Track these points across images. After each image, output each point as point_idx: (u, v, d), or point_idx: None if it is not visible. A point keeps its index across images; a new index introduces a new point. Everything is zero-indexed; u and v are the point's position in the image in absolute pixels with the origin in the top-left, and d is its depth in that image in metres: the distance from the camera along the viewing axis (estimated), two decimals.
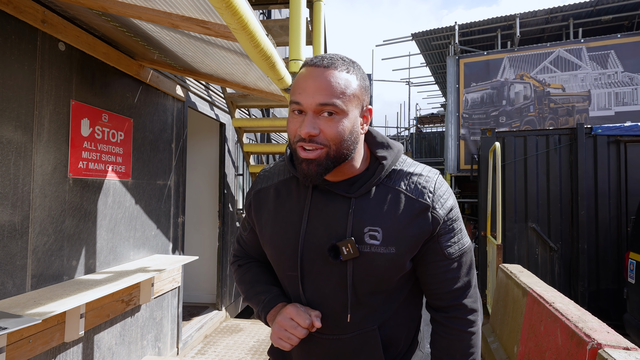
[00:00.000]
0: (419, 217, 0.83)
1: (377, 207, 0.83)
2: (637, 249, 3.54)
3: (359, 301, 0.85)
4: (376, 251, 0.82)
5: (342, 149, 0.79)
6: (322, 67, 0.78)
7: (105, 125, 2.47)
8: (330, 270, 0.84)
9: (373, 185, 0.85)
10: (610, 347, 1.85)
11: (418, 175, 0.87)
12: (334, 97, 0.76)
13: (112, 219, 2.55)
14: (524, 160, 5.27)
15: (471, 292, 0.90)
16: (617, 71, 7.40)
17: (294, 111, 0.80)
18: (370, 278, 0.83)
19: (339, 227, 0.83)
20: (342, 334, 0.87)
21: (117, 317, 2.58)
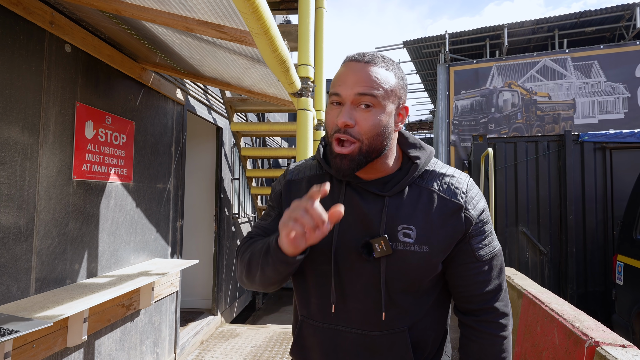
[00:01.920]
0: (452, 217, 0.83)
1: (410, 206, 0.84)
2: (624, 252, 3.67)
3: (391, 300, 0.85)
4: (410, 249, 0.82)
5: (375, 143, 0.80)
6: (362, 62, 0.80)
7: (108, 127, 2.46)
8: (363, 267, 0.84)
9: (406, 184, 0.85)
10: (607, 344, 1.92)
11: (450, 177, 0.87)
12: (372, 88, 0.78)
13: (113, 222, 2.53)
14: (514, 166, 5.40)
15: (502, 295, 0.89)
16: (600, 81, 7.67)
17: (332, 103, 0.82)
18: (403, 277, 0.83)
19: (372, 224, 0.84)
20: (372, 331, 0.86)
21: (118, 322, 2.55)
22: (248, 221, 5.73)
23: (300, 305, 0.96)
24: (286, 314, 5.51)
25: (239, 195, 5.17)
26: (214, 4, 1.42)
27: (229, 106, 3.91)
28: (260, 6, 1.15)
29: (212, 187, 4.56)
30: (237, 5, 1.13)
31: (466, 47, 9.14)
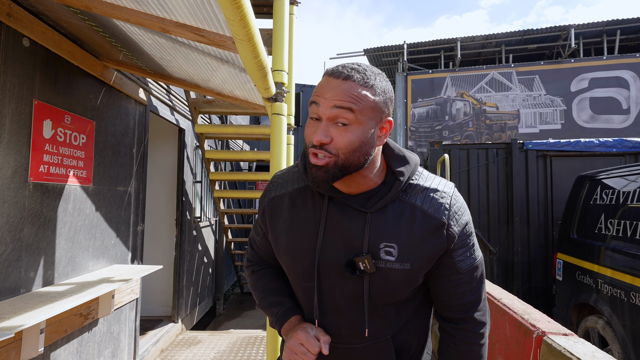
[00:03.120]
0: (434, 235, 0.83)
1: (393, 223, 0.84)
2: (563, 250, 4.04)
3: (374, 313, 0.86)
4: (391, 267, 0.82)
5: (352, 158, 0.78)
6: (340, 79, 0.77)
7: (67, 127, 2.33)
8: (346, 283, 0.85)
9: (389, 201, 0.85)
10: (553, 333, 2.13)
11: (434, 191, 0.86)
12: (348, 106, 0.75)
13: (72, 227, 2.39)
14: (467, 171, 5.75)
15: (481, 305, 0.92)
16: (540, 94, 8.38)
17: (311, 117, 0.81)
18: (385, 292, 0.84)
19: (355, 241, 0.84)
20: (357, 343, 0.87)
21: (75, 332, 2.41)
22: (210, 225, 5.61)
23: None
24: (249, 319, 5.45)
25: (201, 198, 5.05)
26: (195, 8, 1.42)
27: (193, 107, 3.83)
28: (248, 14, 1.18)
29: (173, 190, 4.43)
30: (226, 13, 1.15)
31: (423, 57, 9.59)
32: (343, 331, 0.87)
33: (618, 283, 3.00)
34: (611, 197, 3.44)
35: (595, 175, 3.78)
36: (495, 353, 2.75)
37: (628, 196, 3.20)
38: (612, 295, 3.06)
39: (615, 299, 3.01)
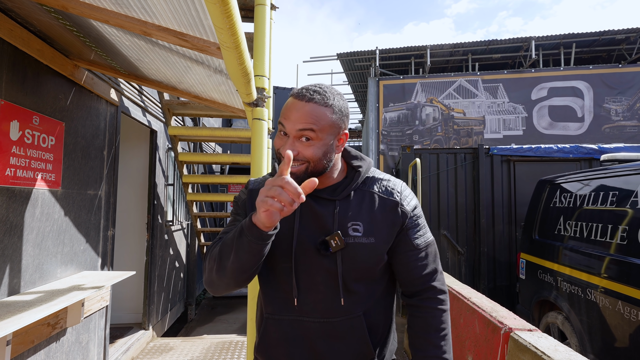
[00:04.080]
0: (391, 212, 1.00)
1: (357, 207, 1.00)
2: (526, 250, 4.28)
3: (347, 288, 0.97)
4: (359, 241, 0.96)
5: (318, 165, 0.94)
6: (303, 101, 0.91)
7: (35, 128, 2.23)
8: (321, 261, 0.96)
9: (352, 189, 1.01)
10: (519, 330, 2.26)
11: (387, 181, 1.05)
12: (310, 127, 0.90)
13: (39, 232, 2.29)
14: (437, 175, 5.96)
15: (438, 276, 1.06)
16: (504, 101, 8.80)
17: (280, 132, 0.94)
18: (356, 266, 0.97)
19: (326, 224, 0.97)
20: (332, 317, 0.97)
21: (42, 342, 2.30)
22: (182, 229, 5.49)
23: (265, 304, 1.03)
24: (222, 324, 5.37)
25: (173, 202, 4.94)
26: (180, 13, 1.42)
27: (167, 109, 3.75)
28: (237, 23, 1.20)
29: (144, 194, 4.30)
30: (215, 21, 1.16)
31: (394, 63, 9.84)
32: (319, 306, 0.97)
33: (575, 281, 3.22)
34: (569, 201, 3.68)
35: (555, 180, 4.04)
36: (465, 350, 2.87)
37: (583, 199, 3.44)
38: (570, 292, 3.28)
39: (573, 296, 3.23)
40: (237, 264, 0.87)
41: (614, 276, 2.81)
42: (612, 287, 2.79)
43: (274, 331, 1.00)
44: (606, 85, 8.34)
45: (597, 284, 2.94)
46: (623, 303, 2.65)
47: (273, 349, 1.01)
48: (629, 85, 8.22)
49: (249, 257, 0.86)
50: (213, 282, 0.94)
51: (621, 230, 2.86)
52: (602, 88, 8.35)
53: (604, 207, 3.13)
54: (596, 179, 3.36)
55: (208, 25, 1.46)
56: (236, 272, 0.89)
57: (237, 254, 0.87)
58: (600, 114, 8.32)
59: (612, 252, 2.90)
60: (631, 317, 2.58)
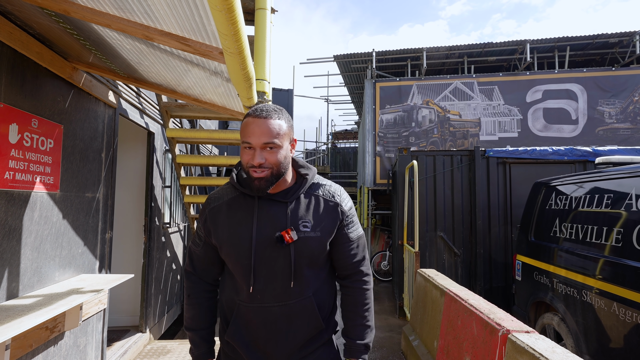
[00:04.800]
0: (332, 212, 1.24)
1: (305, 208, 1.21)
2: (522, 252, 4.32)
3: (298, 274, 1.18)
4: (308, 235, 1.18)
5: (280, 169, 1.15)
6: (262, 118, 1.12)
7: (34, 131, 2.22)
8: (278, 253, 1.16)
9: (301, 193, 1.23)
10: (516, 331, 2.28)
11: (329, 186, 1.29)
12: (272, 137, 1.11)
13: (37, 236, 2.28)
14: (433, 177, 5.99)
15: (365, 262, 1.33)
16: (499, 103, 8.87)
17: (245, 147, 1.14)
18: (305, 255, 1.18)
19: (280, 223, 1.17)
20: (288, 300, 1.19)
21: (40, 346, 2.29)
22: (179, 231, 5.47)
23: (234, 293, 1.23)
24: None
25: (170, 204, 4.92)
26: (183, 18, 1.43)
27: (165, 111, 3.74)
28: (241, 30, 1.21)
29: (141, 196, 4.29)
30: (219, 28, 1.17)
31: (390, 65, 9.88)
32: (277, 292, 1.18)
33: (571, 282, 3.26)
34: (564, 203, 3.72)
35: (550, 182, 4.08)
36: (463, 352, 2.89)
37: (579, 201, 3.48)
38: (566, 294, 3.31)
39: (569, 297, 3.26)
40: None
41: (609, 278, 2.84)
42: (607, 289, 2.83)
43: (244, 315, 1.20)
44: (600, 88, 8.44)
45: (593, 286, 2.97)
46: (618, 304, 2.69)
47: (244, 330, 1.21)
48: (622, 88, 8.32)
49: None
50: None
51: (616, 233, 2.90)
52: (595, 91, 8.45)
53: (599, 209, 3.17)
54: (591, 182, 3.41)
55: (211, 30, 1.47)
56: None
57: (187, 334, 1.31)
58: (594, 116, 8.42)
59: (607, 254, 2.94)
60: (626, 319, 2.62)
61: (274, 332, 1.19)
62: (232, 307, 1.24)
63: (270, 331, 1.19)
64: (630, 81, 8.29)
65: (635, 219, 2.74)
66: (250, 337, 1.21)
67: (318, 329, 1.24)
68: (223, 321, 1.27)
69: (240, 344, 1.21)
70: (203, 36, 1.55)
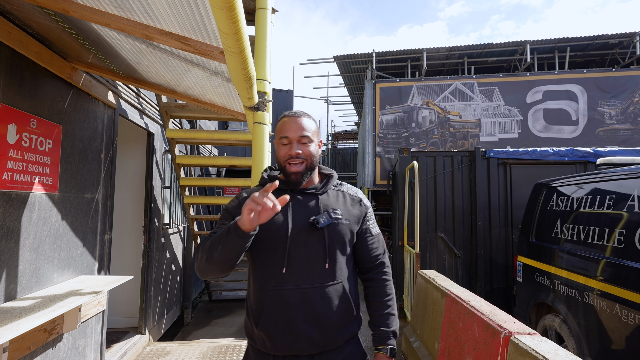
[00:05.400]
0: (357, 205, 1.39)
1: (334, 199, 1.36)
2: (522, 253, 4.30)
3: (332, 256, 1.28)
4: (339, 221, 1.30)
5: (313, 162, 1.31)
6: (296, 117, 1.31)
7: (33, 132, 2.20)
8: (312, 237, 1.26)
9: (329, 188, 1.38)
10: (518, 333, 2.26)
11: (349, 186, 1.45)
12: (306, 132, 1.29)
13: (36, 237, 2.26)
14: (434, 178, 5.98)
15: (386, 256, 1.45)
16: (499, 104, 8.86)
17: (282, 143, 1.29)
18: (338, 239, 1.29)
19: (313, 211, 1.30)
20: (323, 283, 1.25)
21: (39, 349, 2.27)
22: (178, 232, 5.45)
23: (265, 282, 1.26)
24: (218, 327, 5.33)
25: (170, 204, 4.90)
26: (183, 17, 1.41)
27: (164, 112, 3.73)
28: (242, 29, 1.19)
29: (141, 197, 4.27)
30: (220, 27, 1.15)
31: (390, 66, 9.87)
32: (313, 274, 1.25)
33: (572, 283, 3.24)
34: (565, 204, 3.71)
35: (551, 183, 4.06)
36: (464, 353, 2.87)
37: (580, 203, 3.47)
38: (568, 295, 3.29)
39: (570, 299, 3.25)
40: (222, 255, 1.12)
41: (610, 279, 2.83)
42: (609, 290, 2.81)
43: (279, 300, 1.23)
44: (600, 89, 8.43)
45: (594, 287, 2.96)
46: (620, 306, 2.67)
47: (280, 314, 1.23)
48: (623, 89, 8.32)
49: (232, 251, 1.11)
50: (203, 269, 1.18)
51: (618, 234, 2.88)
52: (596, 92, 8.44)
53: (601, 210, 3.16)
54: (592, 183, 3.39)
55: (212, 29, 1.45)
56: (221, 262, 1.13)
57: (223, 247, 1.11)
58: (594, 117, 8.41)
59: (609, 255, 2.92)
60: (628, 320, 2.60)
61: (311, 313, 1.23)
62: (264, 296, 1.26)
63: (306, 312, 1.23)
64: (631, 82, 8.29)
65: (637, 220, 2.72)
66: (286, 320, 1.22)
67: (350, 314, 1.31)
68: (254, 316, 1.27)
69: (276, 329, 1.22)
70: (204, 35, 1.54)
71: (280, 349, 1.23)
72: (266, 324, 1.22)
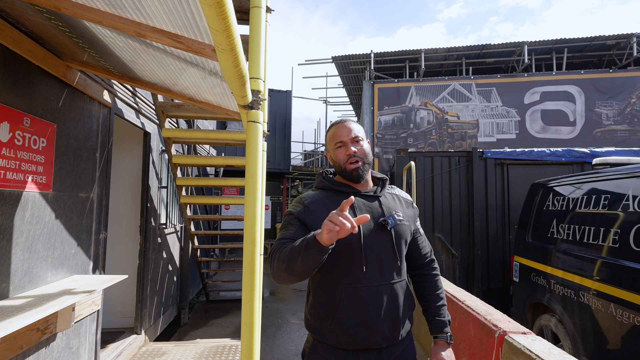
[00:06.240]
0: (410, 207, 1.53)
1: (392, 202, 1.47)
2: (519, 253, 4.30)
3: (400, 256, 1.38)
4: (402, 223, 1.41)
5: (368, 158, 1.45)
6: (344, 123, 1.46)
7: (26, 130, 2.20)
8: (381, 237, 1.35)
9: (385, 192, 1.48)
10: (513, 332, 2.26)
11: (399, 189, 1.57)
12: (357, 132, 1.44)
13: (29, 236, 2.25)
14: (431, 178, 5.98)
15: (433, 253, 1.59)
16: (497, 105, 8.87)
17: (337, 148, 1.43)
18: (403, 238, 1.40)
19: (378, 212, 1.39)
20: (391, 280, 1.35)
21: (31, 348, 2.26)
22: (175, 232, 5.44)
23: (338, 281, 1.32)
24: (215, 327, 5.32)
25: (167, 204, 4.89)
26: (175, 14, 1.41)
27: (161, 111, 3.72)
28: (232, 25, 1.18)
29: (137, 196, 4.26)
30: (210, 23, 1.14)
31: (388, 66, 9.88)
32: (383, 272, 1.34)
33: (568, 283, 3.24)
34: (562, 204, 3.71)
35: (548, 183, 4.07)
36: (460, 353, 2.87)
37: (576, 202, 3.47)
38: (564, 295, 3.29)
39: (566, 299, 3.25)
40: (302, 267, 1.15)
41: (606, 279, 2.83)
42: (605, 290, 2.81)
43: (352, 297, 1.30)
44: (597, 90, 8.45)
45: (590, 287, 2.96)
46: (616, 306, 2.67)
47: (354, 311, 1.30)
48: (620, 90, 8.34)
49: (312, 264, 1.14)
50: (281, 277, 1.22)
51: (613, 234, 2.88)
52: (593, 92, 8.46)
53: (597, 210, 3.16)
54: (589, 183, 3.39)
55: (203, 27, 1.45)
56: (301, 273, 1.17)
57: (303, 261, 1.14)
58: (592, 118, 8.42)
59: (604, 255, 2.92)
60: (623, 320, 2.60)
61: (382, 308, 1.31)
62: (338, 294, 1.31)
63: (378, 307, 1.31)
64: (628, 83, 8.31)
65: (632, 219, 2.72)
66: (359, 316, 1.30)
67: (412, 309, 1.41)
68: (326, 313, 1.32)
69: (351, 322, 1.29)
70: (195, 33, 1.54)
71: (355, 343, 1.29)
72: (342, 320, 1.29)
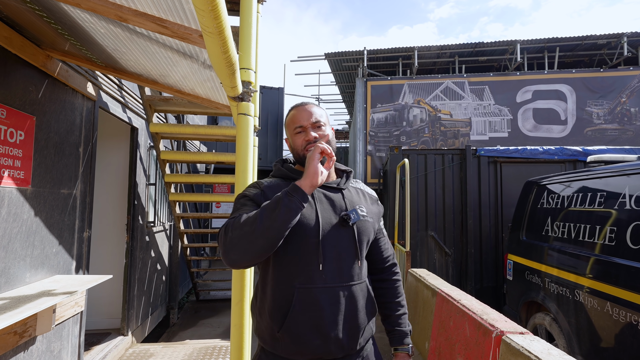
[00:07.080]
0: (375, 203, 1.40)
1: (356, 196, 1.34)
2: (513, 251, 4.27)
3: (361, 255, 1.25)
4: (365, 219, 1.27)
5: (331, 146, 1.28)
6: (304, 106, 1.32)
7: (2, 122, 2.07)
8: (342, 233, 1.21)
9: (349, 185, 1.36)
10: (510, 333, 2.21)
11: (364, 184, 1.44)
12: (318, 117, 1.30)
13: (5, 234, 2.13)
14: (424, 176, 5.94)
15: (394, 254, 1.45)
16: (490, 103, 8.88)
17: (297, 133, 1.28)
18: (365, 236, 1.26)
19: (340, 206, 1.26)
20: (350, 281, 1.21)
21: (8, 353, 2.14)
22: (164, 230, 5.31)
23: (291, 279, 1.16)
24: (205, 328, 5.21)
25: (155, 202, 4.76)
26: None
27: (148, 105, 3.60)
28: (220, 4, 1.10)
29: (124, 193, 4.13)
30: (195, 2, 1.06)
31: (381, 64, 9.82)
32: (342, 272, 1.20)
33: (563, 282, 3.21)
34: (556, 202, 3.68)
35: (542, 181, 4.04)
36: (455, 353, 2.82)
37: (570, 200, 3.44)
38: (558, 293, 3.26)
39: (561, 297, 3.22)
40: (278, 222, 1.02)
41: (601, 277, 2.80)
42: (600, 288, 2.78)
43: (306, 298, 1.14)
44: (588, 89, 8.50)
45: (585, 285, 2.93)
46: (611, 304, 2.64)
47: (307, 314, 1.14)
48: (610, 89, 8.40)
49: (289, 217, 1.03)
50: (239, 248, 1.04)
51: (608, 231, 2.85)
52: (584, 92, 8.51)
53: (591, 208, 3.13)
54: (582, 180, 3.37)
55: (189, 9, 1.36)
56: (276, 230, 1.02)
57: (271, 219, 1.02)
58: (583, 117, 8.47)
59: (599, 253, 2.89)
60: (619, 318, 2.57)
61: (339, 313, 1.17)
62: (288, 295, 1.15)
63: (335, 312, 1.16)
64: (618, 82, 8.37)
65: (626, 217, 2.69)
66: (313, 320, 1.14)
67: (373, 314, 1.28)
68: (274, 317, 1.15)
69: (302, 329, 1.13)
70: (181, 17, 1.44)
71: (306, 354, 1.14)
72: (292, 326, 1.13)
